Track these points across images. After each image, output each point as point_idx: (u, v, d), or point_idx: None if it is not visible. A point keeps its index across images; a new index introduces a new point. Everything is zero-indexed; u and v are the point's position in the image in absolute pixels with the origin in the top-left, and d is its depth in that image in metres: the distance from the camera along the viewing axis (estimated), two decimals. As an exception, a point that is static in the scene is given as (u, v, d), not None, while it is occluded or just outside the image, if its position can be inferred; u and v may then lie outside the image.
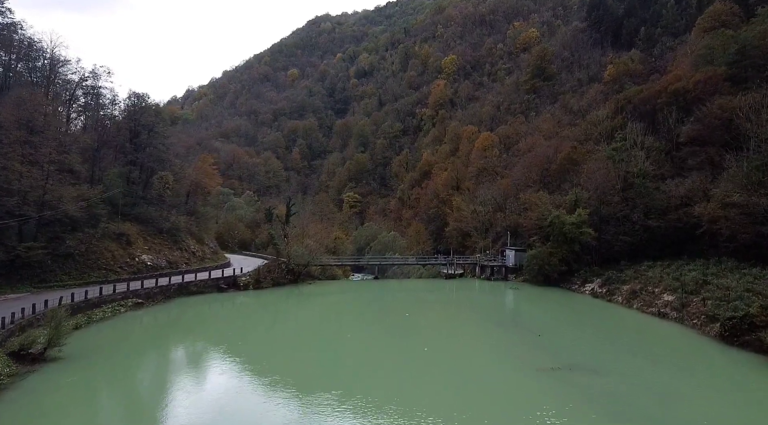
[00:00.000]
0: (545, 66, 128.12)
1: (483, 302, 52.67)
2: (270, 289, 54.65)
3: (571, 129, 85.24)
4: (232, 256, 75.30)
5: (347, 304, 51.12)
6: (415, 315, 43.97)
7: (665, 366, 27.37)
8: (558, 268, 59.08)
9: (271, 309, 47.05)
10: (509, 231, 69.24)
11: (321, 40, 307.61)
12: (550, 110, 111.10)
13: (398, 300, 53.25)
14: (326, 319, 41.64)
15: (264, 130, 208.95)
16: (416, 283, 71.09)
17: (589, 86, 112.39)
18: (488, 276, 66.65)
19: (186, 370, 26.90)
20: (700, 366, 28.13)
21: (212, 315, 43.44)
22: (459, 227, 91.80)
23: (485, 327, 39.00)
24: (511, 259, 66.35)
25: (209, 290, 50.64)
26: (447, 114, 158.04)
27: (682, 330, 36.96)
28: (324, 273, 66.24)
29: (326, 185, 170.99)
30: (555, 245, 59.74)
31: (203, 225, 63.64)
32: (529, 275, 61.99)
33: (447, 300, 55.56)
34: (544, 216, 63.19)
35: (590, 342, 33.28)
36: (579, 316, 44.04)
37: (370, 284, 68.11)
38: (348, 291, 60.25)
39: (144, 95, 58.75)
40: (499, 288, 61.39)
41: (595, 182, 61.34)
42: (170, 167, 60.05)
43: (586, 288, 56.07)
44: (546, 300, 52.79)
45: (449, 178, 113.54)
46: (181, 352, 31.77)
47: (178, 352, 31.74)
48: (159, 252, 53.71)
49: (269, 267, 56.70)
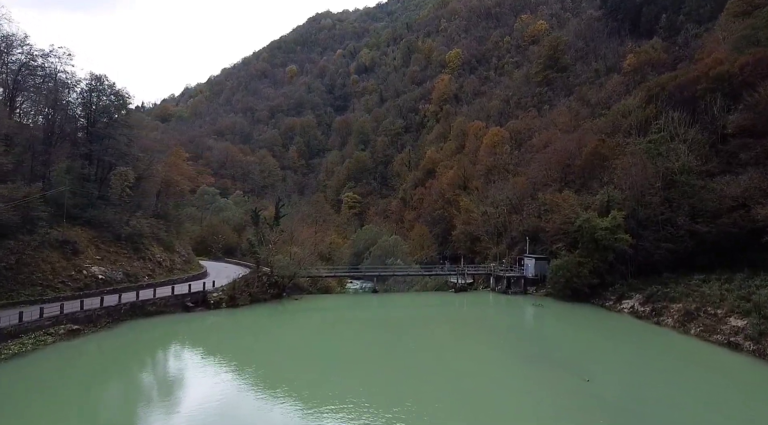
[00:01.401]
0: (558, 56, 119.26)
1: (503, 324, 43.63)
2: (247, 307, 45.80)
3: (594, 121, 76.35)
4: (214, 264, 66.68)
5: (336, 328, 42.19)
6: (421, 346, 35.05)
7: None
8: (589, 281, 50.16)
9: (242, 336, 38.12)
10: (528, 236, 60.32)
11: (321, 36, 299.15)
12: (566, 103, 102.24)
13: (399, 323, 44.18)
14: (306, 355, 32.79)
15: (260, 127, 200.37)
16: (421, 297, 61.82)
17: (608, 77, 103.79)
18: (504, 289, 57.70)
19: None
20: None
21: (164, 346, 34.59)
22: (467, 230, 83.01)
23: (511, 364, 30.11)
24: (530, 269, 57.47)
25: (172, 310, 41.89)
26: (452, 109, 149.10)
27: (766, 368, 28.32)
28: (315, 285, 57.50)
29: (324, 185, 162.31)
30: (585, 253, 50.84)
31: (174, 230, 54.97)
32: (553, 288, 53.07)
33: (459, 320, 46.54)
34: (570, 219, 54.33)
35: (659, 392, 24.40)
36: (629, 347, 35.07)
37: (367, 299, 59.05)
38: (340, 309, 51.40)
39: (103, 76, 50.14)
40: (518, 305, 52.49)
41: (631, 180, 52.46)
42: (134, 162, 51.36)
43: (624, 306, 47.14)
44: (579, 321, 43.88)
45: (455, 177, 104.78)
46: (104, 407, 22.98)
47: (98, 407, 22.94)
48: (115, 262, 44.98)
49: (247, 281, 47.88)
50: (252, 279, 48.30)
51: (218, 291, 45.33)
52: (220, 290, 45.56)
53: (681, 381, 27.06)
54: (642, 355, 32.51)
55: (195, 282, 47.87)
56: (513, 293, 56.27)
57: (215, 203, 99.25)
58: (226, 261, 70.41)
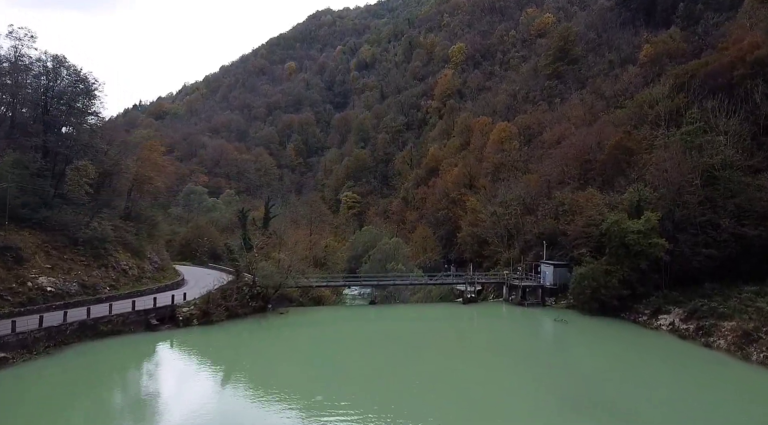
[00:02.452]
0: (569, 48, 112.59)
1: (524, 348, 36.79)
2: (223, 324, 39.32)
3: (615, 112, 69.81)
4: (197, 271, 60.21)
5: (323, 351, 35.54)
6: (424, 378, 28.48)
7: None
8: (618, 292, 43.59)
9: (206, 364, 31.57)
10: (544, 240, 53.76)
11: (321, 33, 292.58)
12: (579, 96, 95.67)
13: (397, 344, 37.36)
14: (283, 387, 26.31)
15: (257, 124, 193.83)
16: (424, 310, 54.53)
17: (623, 68, 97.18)
18: (520, 300, 51.02)
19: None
20: None
21: (106, 384, 27.98)
22: (474, 232, 76.45)
23: (545, 409, 23.53)
24: (548, 277, 50.93)
25: (132, 328, 35.46)
26: (456, 105, 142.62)
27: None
28: (306, 295, 50.97)
29: (322, 184, 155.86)
30: (613, 260, 44.30)
31: (146, 233, 48.58)
32: (576, 300, 46.49)
33: (470, 342, 39.42)
34: (594, 221, 47.86)
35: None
36: (687, 382, 28.31)
37: (363, 312, 52.21)
38: (330, 325, 44.76)
39: (61, 57, 43.72)
40: (537, 320, 45.92)
41: (665, 177, 45.96)
42: (98, 156, 44.93)
43: (661, 322, 40.60)
44: (614, 343, 37.26)
45: (460, 175, 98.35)
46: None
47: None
48: (69, 272, 38.55)
49: (224, 292, 41.35)
50: (230, 290, 41.79)
51: (189, 306, 38.85)
52: (191, 304, 39.07)
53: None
54: (706, 393, 25.95)
55: (166, 294, 41.47)
56: (529, 305, 49.63)
57: (203, 203, 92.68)
58: (211, 267, 63.94)
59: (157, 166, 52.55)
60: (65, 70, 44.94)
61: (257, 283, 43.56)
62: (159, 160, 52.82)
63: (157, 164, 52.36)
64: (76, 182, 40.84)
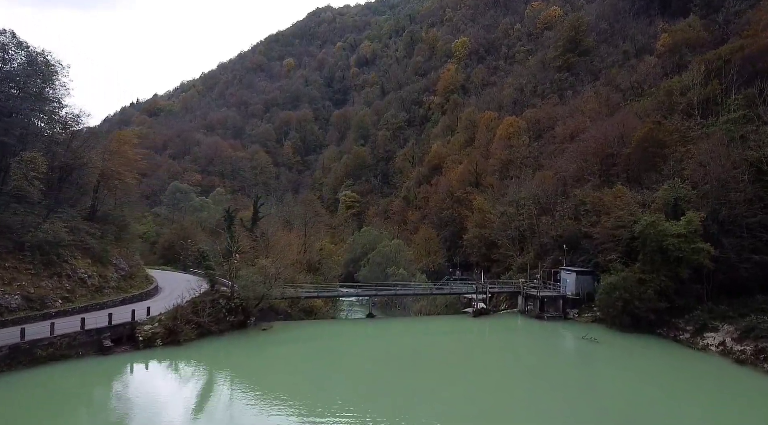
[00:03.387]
0: (580, 38, 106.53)
1: (553, 375, 30.33)
2: (193, 344, 33.36)
3: (638, 102, 63.88)
4: (177, 277, 54.28)
5: (311, 379, 29.52)
6: (433, 417, 22.47)
7: None
8: (655, 305, 37.60)
9: (166, 401, 25.60)
10: (564, 243, 47.70)
11: (321, 29, 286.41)
12: (592, 88, 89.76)
13: (400, 373, 31.30)
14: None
15: (254, 122, 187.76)
16: (429, 326, 47.03)
17: (639, 59, 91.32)
18: (538, 313, 44.89)
19: None
20: None
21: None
22: (482, 234, 70.58)
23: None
24: (570, 286, 44.92)
25: (79, 352, 29.53)
26: (459, 100, 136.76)
27: None
28: (295, 306, 44.96)
29: (320, 183, 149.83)
30: (648, 268, 38.35)
31: (111, 236, 42.67)
32: (605, 313, 40.44)
33: (487, 369, 32.89)
34: (623, 222, 41.87)
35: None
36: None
37: (359, 327, 45.70)
38: (321, 344, 38.64)
39: (9, 32, 37.83)
40: (560, 336, 39.95)
41: (705, 172, 40.00)
42: (54, 147, 39.02)
43: (708, 341, 34.55)
44: (658, 369, 31.05)
45: (466, 173, 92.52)
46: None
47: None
48: (10, 282, 32.62)
49: (196, 306, 35.34)
50: (203, 303, 35.83)
51: (153, 323, 32.88)
52: (155, 321, 33.10)
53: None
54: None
55: (132, 307, 35.58)
56: (549, 318, 43.52)
57: (189, 202, 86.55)
58: (194, 272, 57.98)
59: (128, 160, 46.64)
60: (19, 50, 39.07)
61: (236, 295, 37.64)
62: (130, 153, 46.84)
63: (128, 158, 46.44)
64: (22, 177, 34.95)
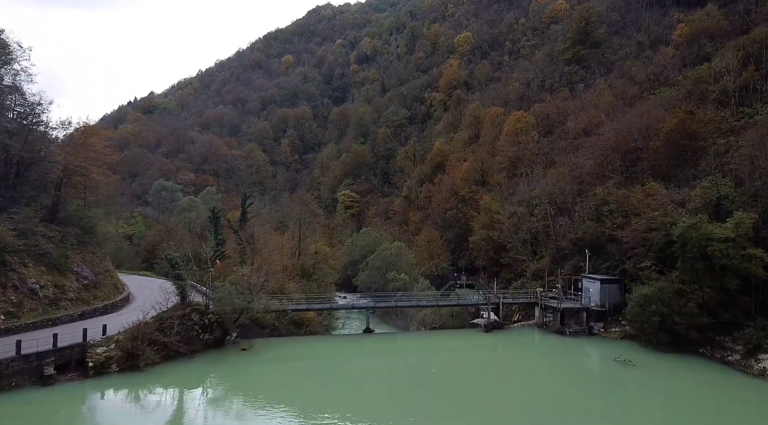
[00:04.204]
0: (591, 30, 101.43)
1: (587, 411, 25.48)
2: (157, 368, 28.16)
3: (663, 92, 58.73)
4: (154, 285, 48.90)
5: (296, 412, 24.34)
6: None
7: None
8: (698, 321, 32.40)
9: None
10: (586, 248, 42.44)
11: (320, 27, 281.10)
12: (606, 81, 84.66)
13: (400, 412, 25.99)
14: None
15: (250, 119, 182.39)
16: (433, 343, 39.88)
17: (655, 50, 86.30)
18: (559, 327, 39.54)
19: None
20: None
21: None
22: (490, 236, 65.46)
23: None
24: (594, 296, 39.69)
25: (14, 382, 24.34)
26: (463, 95, 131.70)
27: None
28: (282, 319, 39.70)
29: (318, 182, 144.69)
30: (689, 277, 33.18)
31: (73, 240, 37.48)
32: (638, 330, 35.15)
33: (505, 403, 27.52)
34: (656, 223, 36.68)
35: None
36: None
37: (356, 344, 39.96)
38: (309, 365, 33.23)
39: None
40: (586, 357, 34.76)
41: (753, 166, 34.80)
42: (3, 138, 33.83)
43: (764, 364, 29.37)
44: (712, 402, 25.94)
45: (471, 171, 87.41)
46: None
47: None
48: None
49: (162, 323, 30.08)
50: (171, 319, 30.59)
51: (109, 343, 27.69)
52: (112, 341, 27.93)
53: None
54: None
55: (92, 322, 30.44)
56: (572, 333, 38.25)
57: (176, 201, 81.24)
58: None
59: (98, 154, 41.44)
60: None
61: (210, 309, 32.42)
62: (99, 146, 41.61)
63: (96, 151, 41.20)
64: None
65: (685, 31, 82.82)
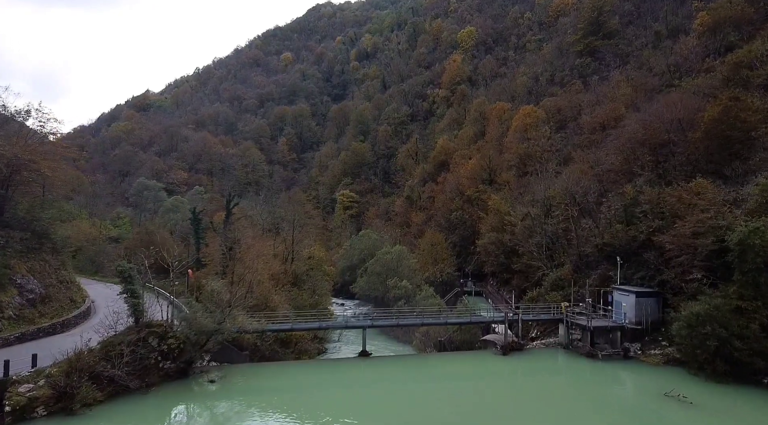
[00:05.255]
0: (604, 20, 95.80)
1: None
2: (99, 409, 22.59)
3: (696, 79, 53.19)
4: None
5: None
6: None
7: None
8: (763, 346, 26.74)
9: None
10: (617, 255, 36.73)
11: (320, 24, 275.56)
12: (622, 72, 79.12)
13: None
14: None
15: (247, 117, 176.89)
16: (440, 368, 33.94)
17: (674, 40, 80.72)
18: (589, 350, 33.74)
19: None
20: None
21: None
22: (500, 240, 59.91)
23: None
24: (628, 312, 33.98)
25: None
26: (467, 90, 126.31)
27: None
28: (265, 338, 33.95)
29: (316, 181, 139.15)
30: (751, 292, 27.53)
31: (17, 247, 31.88)
32: (687, 353, 29.42)
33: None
34: (704, 227, 30.99)
35: None
36: None
37: (350, 371, 33.27)
38: (291, 401, 27.44)
39: None
40: (623, 388, 29.00)
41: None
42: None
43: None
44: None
45: (477, 169, 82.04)
46: None
47: None
48: None
49: (109, 351, 24.47)
50: (121, 345, 25.00)
51: (38, 379, 22.15)
52: (42, 375, 22.40)
53: None
54: None
55: (30, 347, 24.91)
56: (605, 357, 32.51)
57: (159, 202, 75.51)
58: (156, 289, 46.71)
59: (53, 147, 35.80)
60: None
61: (170, 333, 26.77)
62: (58, 144, 36.03)
63: (49, 143, 35.62)
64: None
65: (707, 19, 77.63)
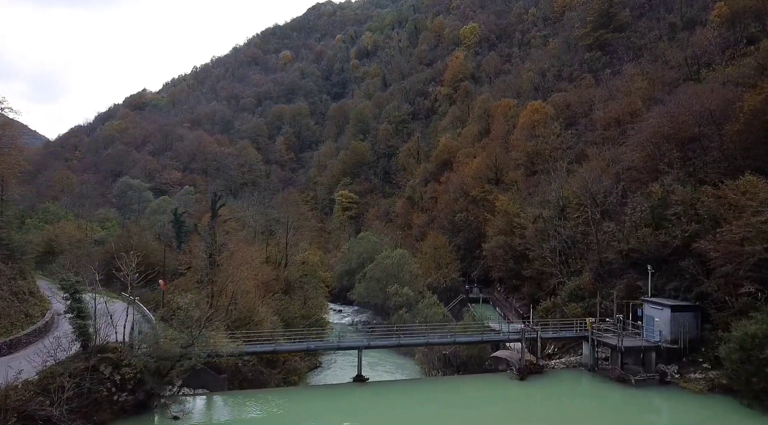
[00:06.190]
0: (615, 12, 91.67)
1: None
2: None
3: (723, 69, 49.10)
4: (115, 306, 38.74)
5: None
6: None
7: None
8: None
9: None
10: (648, 263, 32.43)
11: (320, 23, 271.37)
12: (637, 65, 75.02)
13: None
14: None
15: (244, 116, 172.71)
16: (448, 394, 29.49)
17: (690, 32, 76.62)
18: (620, 373, 29.38)
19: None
20: None
21: None
22: (508, 243, 55.68)
23: None
24: (663, 329, 29.70)
25: None
26: (470, 87, 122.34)
27: None
28: (245, 363, 29.60)
29: (315, 181, 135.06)
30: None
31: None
32: (737, 381, 25.15)
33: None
34: (754, 230, 26.74)
35: None
36: None
37: (342, 400, 27.70)
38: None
39: None
40: (662, 418, 24.74)
41: None
42: None
43: None
44: None
45: (482, 168, 77.93)
46: None
47: None
48: None
49: (48, 383, 19.96)
50: (62, 375, 20.63)
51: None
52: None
53: None
54: None
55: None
56: (638, 382, 28.22)
57: (144, 202, 71.19)
58: (137, 301, 42.00)
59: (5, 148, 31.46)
60: None
61: (124, 361, 22.44)
62: (14, 139, 31.82)
63: (9, 144, 31.28)
64: None
65: (724, 10, 73.84)
